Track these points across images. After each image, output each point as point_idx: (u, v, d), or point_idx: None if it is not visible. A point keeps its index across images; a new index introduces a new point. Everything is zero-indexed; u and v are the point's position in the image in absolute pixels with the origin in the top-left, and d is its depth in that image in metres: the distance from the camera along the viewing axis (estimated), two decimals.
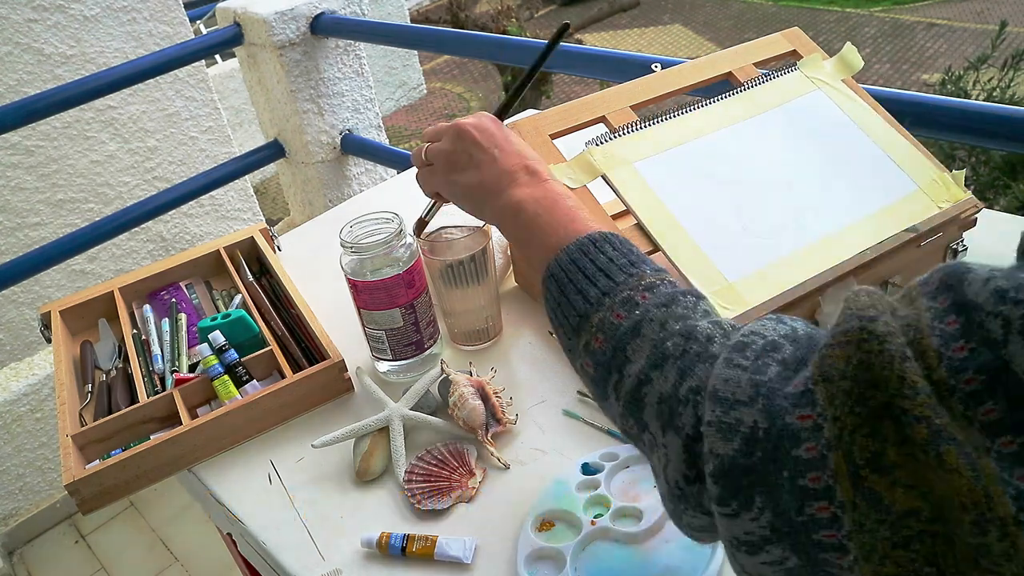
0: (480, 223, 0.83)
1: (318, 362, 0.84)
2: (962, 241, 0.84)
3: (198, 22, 4.40)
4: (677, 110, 0.83)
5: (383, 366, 0.86)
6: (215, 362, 0.85)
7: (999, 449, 0.31)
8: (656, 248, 0.73)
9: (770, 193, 0.78)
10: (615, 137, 0.80)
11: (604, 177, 0.77)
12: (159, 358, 0.92)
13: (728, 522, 0.39)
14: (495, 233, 0.93)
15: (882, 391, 0.34)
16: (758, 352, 0.41)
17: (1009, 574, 0.31)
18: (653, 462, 0.46)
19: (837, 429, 0.35)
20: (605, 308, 0.49)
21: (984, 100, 2.52)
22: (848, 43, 0.91)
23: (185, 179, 2.17)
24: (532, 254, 0.58)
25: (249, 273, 1.03)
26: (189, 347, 0.94)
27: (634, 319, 0.47)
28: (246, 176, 2.38)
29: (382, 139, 2.28)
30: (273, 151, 2.23)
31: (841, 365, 0.36)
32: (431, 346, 0.86)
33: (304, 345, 0.91)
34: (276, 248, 1.14)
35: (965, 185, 0.81)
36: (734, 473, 0.38)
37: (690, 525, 0.44)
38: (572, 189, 0.76)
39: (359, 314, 0.83)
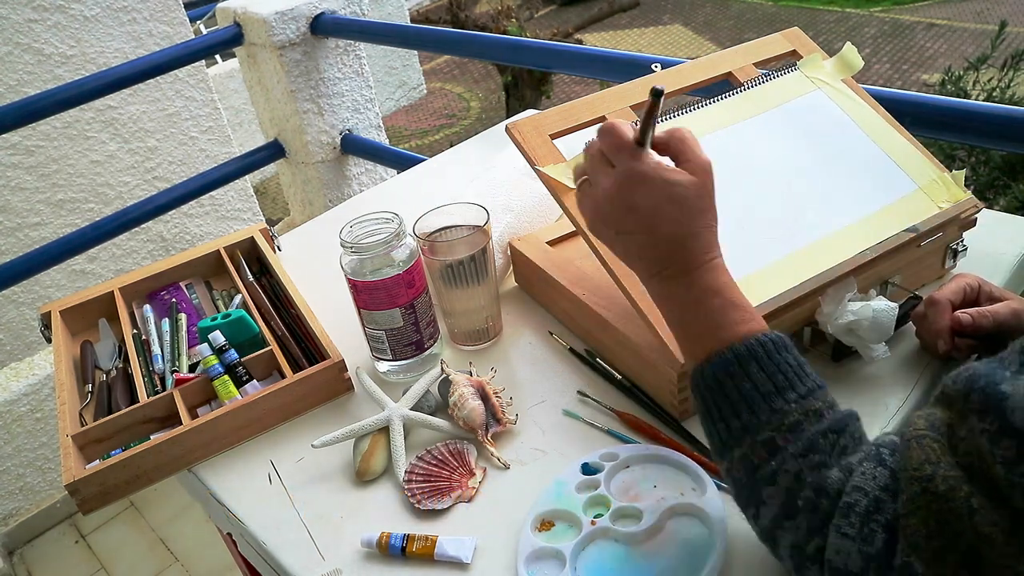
0: (480, 223, 0.83)
1: (318, 362, 0.84)
2: (962, 241, 0.84)
3: (198, 22, 4.40)
4: (677, 110, 0.83)
5: (383, 366, 0.86)
6: (215, 362, 0.85)
7: None
8: None
9: (770, 193, 0.78)
10: None
11: None
12: (159, 358, 0.92)
13: None
14: (495, 233, 0.93)
15: (966, 539, 0.38)
16: (862, 516, 0.44)
17: None
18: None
19: None
20: (746, 446, 0.51)
21: (984, 100, 2.52)
22: (848, 43, 0.91)
23: (185, 179, 2.17)
24: (678, 338, 0.59)
25: (249, 273, 1.03)
26: (189, 347, 0.94)
27: (771, 469, 0.50)
28: (246, 176, 2.38)
29: (382, 139, 2.28)
30: (273, 151, 2.23)
31: (923, 531, 0.40)
32: (431, 346, 0.86)
33: (304, 345, 0.91)
34: (276, 248, 1.14)
35: (965, 185, 0.81)
36: None
37: None
38: (572, 189, 0.76)
39: (359, 314, 0.83)
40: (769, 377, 0.51)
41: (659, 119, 0.82)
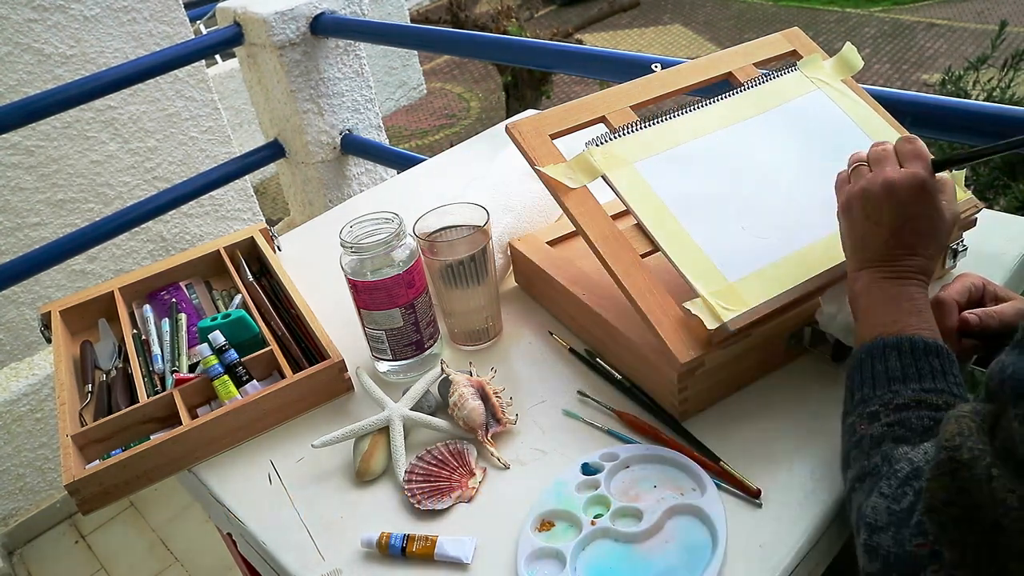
0: (480, 223, 0.83)
1: (318, 362, 0.84)
2: (962, 241, 0.84)
3: (198, 22, 4.40)
4: (677, 110, 0.83)
5: (383, 366, 0.86)
6: (215, 362, 0.85)
7: None
8: (656, 248, 0.73)
9: (770, 193, 0.78)
10: (615, 137, 0.80)
11: (604, 177, 0.77)
12: (159, 358, 0.92)
13: None
14: (495, 233, 0.93)
15: (987, 511, 0.40)
16: (901, 480, 0.48)
17: None
18: None
19: (959, 552, 0.41)
20: (856, 414, 0.57)
21: (984, 100, 2.52)
22: (848, 43, 0.91)
23: (185, 179, 2.17)
24: (861, 325, 0.63)
25: (249, 273, 1.03)
26: (189, 347, 0.94)
27: (862, 434, 0.55)
28: (246, 176, 2.38)
29: (382, 139, 2.28)
30: (273, 151, 2.23)
31: (942, 495, 0.42)
32: (431, 346, 0.86)
33: (304, 345, 0.91)
34: (276, 248, 1.14)
35: (965, 185, 0.81)
36: None
37: None
38: (572, 189, 0.76)
39: (359, 314, 0.83)
40: (903, 367, 0.56)
41: (659, 119, 0.82)
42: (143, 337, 0.96)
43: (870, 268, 0.64)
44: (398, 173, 1.43)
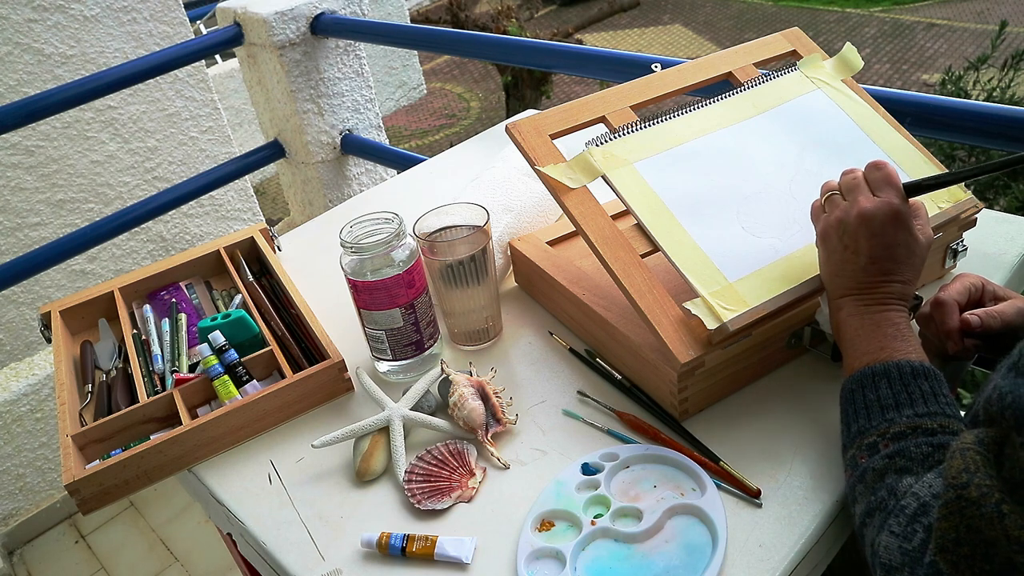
0: (480, 223, 0.83)
1: (318, 362, 0.84)
2: (962, 241, 0.84)
3: (198, 22, 4.40)
4: (677, 110, 0.83)
5: (383, 366, 0.86)
6: (215, 362, 0.85)
7: None
8: (656, 248, 0.73)
9: (770, 193, 0.78)
10: (615, 137, 0.80)
11: (604, 177, 0.77)
12: (159, 358, 0.92)
13: None
14: (495, 233, 0.93)
15: (1000, 548, 0.39)
16: (909, 517, 0.48)
17: None
18: None
19: None
20: (855, 447, 0.57)
21: (984, 100, 2.52)
22: (848, 43, 0.91)
23: (185, 179, 2.17)
24: (847, 354, 0.64)
25: (249, 273, 1.03)
26: (189, 347, 0.94)
27: (864, 467, 0.55)
28: (246, 176, 2.38)
29: (382, 139, 2.27)
30: (273, 151, 2.23)
31: (952, 535, 0.42)
32: (431, 346, 0.86)
33: (304, 345, 0.91)
34: (276, 248, 1.14)
35: (965, 185, 0.81)
36: None
37: None
38: (572, 189, 0.76)
39: (359, 314, 0.83)
40: (894, 394, 0.57)
41: (659, 119, 0.82)
42: (143, 337, 0.96)
43: (850, 296, 0.65)
44: (398, 173, 1.43)
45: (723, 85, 0.88)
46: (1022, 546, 0.38)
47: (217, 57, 4.47)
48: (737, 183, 0.78)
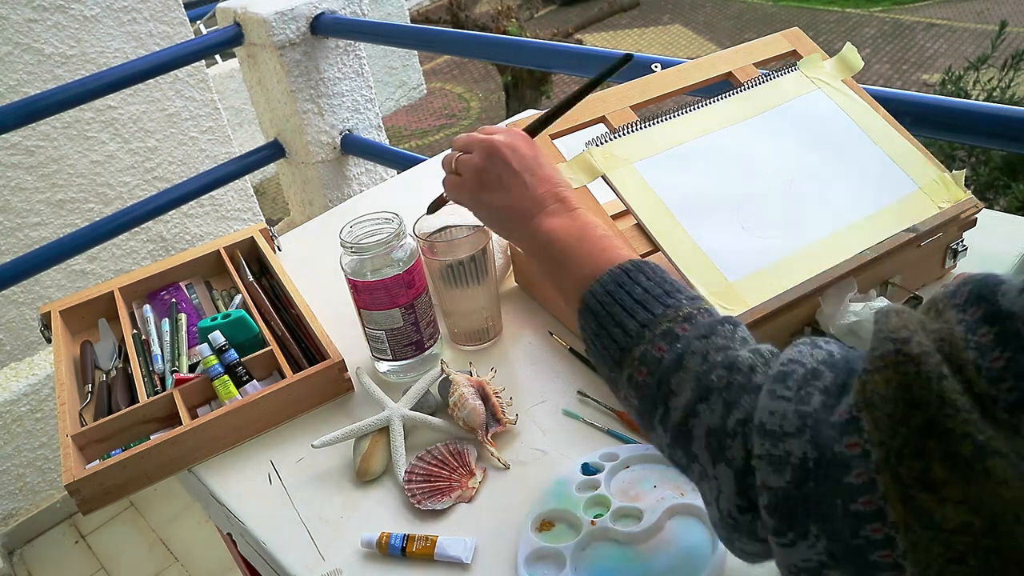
0: (480, 223, 0.83)
1: (318, 362, 0.84)
2: (962, 241, 0.84)
3: (198, 22, 4.40)
4: (677, 110, 0.83)
5: (383, 366, 0.86)
6: (215, 362, 0.85)
7: None
8: (656, 248, 0.73)
9: (770, 193, 0.78)
10: (615, 137, 0.80)
11: (604, 177, 0.77)
12: (159, 358, 0.92)
13: (785, 551, 0.40)
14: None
15: (924, 411, 0.35)
16: (799, 381, 0.42)
17: None
18: (703, 491, 0.47)
19: (883, 452, 0.36)
20: (646, 341, 0.50)
21: (984, 100, 2.52)
22: (848, 43, 0.91)
23: (185, 179, 2.17)
24: (564, 284, 0.58)
25: (249, 273, 1.03)
26: (189, 347, 0.94)
27: (676, 352, 0.48)
28: (246, 176, 2.38)
29: (382, 139, 2.28)
30: (273, 151, 2.23)
31: (882, 390, 0.36)
32: (431, 346, 0.86)
33: (304, 345, 0.91)
34: (276, 248, 1.14)
35: (965, 185, 0.81)
36: (788, 505, 0.39)
37: (743, 551, 0.45)
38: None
39: (359, 314, 0.83)
40: (658, 284, 0.52)
41: (659, 119, 0.82)
42: (143, 337, 0.96)
43: (540, 215, 0.62)
44: (398, 173, 1.43)
45: (723, 85, 0.88)
46: (956, 410, 0.34)
47: (217, 57, 4.47)
48: (737, 183, 0.78)
